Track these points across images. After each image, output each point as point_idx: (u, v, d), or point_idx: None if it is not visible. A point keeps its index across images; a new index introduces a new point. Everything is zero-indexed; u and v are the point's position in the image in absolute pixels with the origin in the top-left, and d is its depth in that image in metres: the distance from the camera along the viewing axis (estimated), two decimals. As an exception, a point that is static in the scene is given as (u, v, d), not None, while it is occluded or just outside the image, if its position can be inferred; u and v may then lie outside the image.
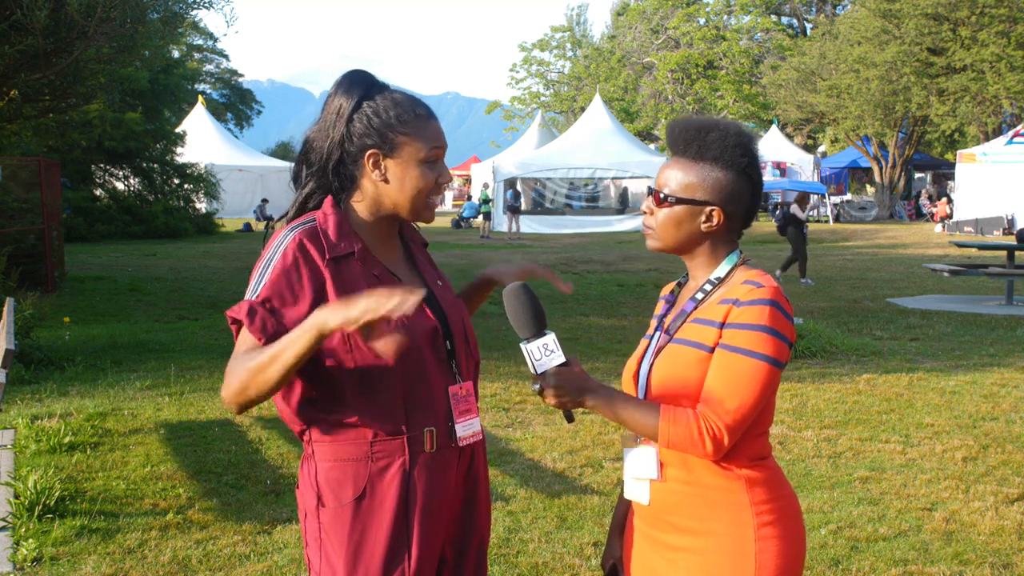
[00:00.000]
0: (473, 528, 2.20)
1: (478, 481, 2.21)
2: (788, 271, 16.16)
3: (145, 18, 11.86)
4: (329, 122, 2.12)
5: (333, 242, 2.06)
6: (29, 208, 13.97)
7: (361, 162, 2.10)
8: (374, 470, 2.04)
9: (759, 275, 2.00)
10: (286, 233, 2.06)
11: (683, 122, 2.08)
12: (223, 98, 58.20)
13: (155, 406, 7.11)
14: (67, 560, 4.27)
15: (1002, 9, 28.21)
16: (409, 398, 2.05)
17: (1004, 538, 4.54)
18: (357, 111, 2.10)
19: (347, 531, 2.04)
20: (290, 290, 2.00)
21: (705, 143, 2.02)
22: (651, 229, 2.09)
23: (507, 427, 6.55)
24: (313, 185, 2.15)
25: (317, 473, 2.07)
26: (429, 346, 2.09)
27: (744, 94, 47.68)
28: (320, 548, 2.08)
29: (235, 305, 2.00)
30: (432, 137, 2.11)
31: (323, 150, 2.12)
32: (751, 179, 2.05)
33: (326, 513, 2.06)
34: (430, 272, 2.26)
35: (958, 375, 8.18)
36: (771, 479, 2.02)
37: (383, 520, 2.04)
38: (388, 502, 2.04)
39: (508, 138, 58.99)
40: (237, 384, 1.93)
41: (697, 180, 2.02)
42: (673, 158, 2.08)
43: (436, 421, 2.09)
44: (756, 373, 1.92)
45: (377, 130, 2.08)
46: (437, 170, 2.12)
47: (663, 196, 2.05)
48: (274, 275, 2.00)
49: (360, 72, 2.17)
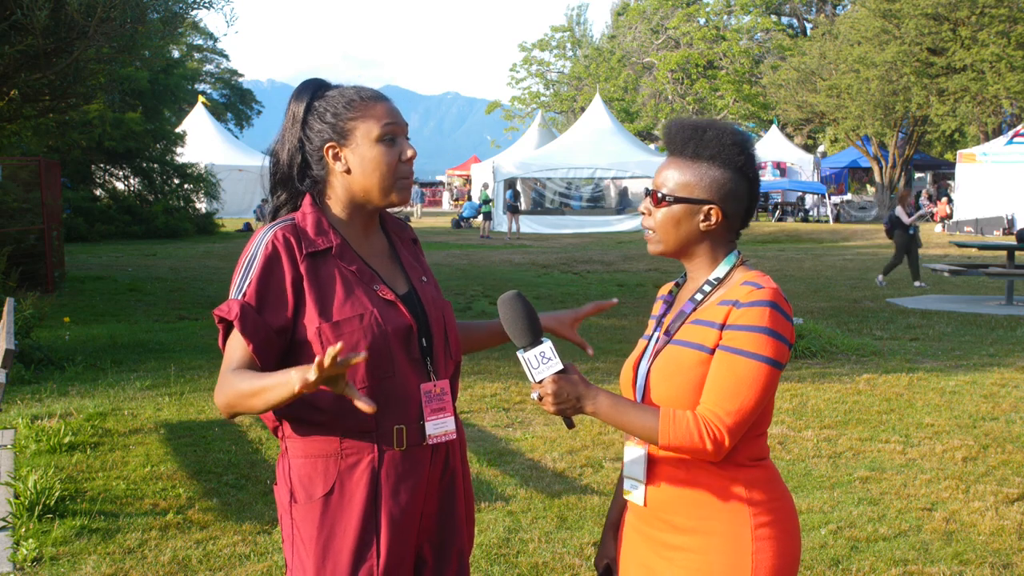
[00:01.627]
0: (453, 527, 2.19)
1: (455, 479, 2.21)
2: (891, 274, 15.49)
3: (145, 18, 11.86)
4: (287, 129, 2.15)
5: (310, 238, 2.08)
6: (29, 208, 13.97)
7: (324, 160, 2.12)
8: (343, 467, 2.06)
9: (758, 276, 2.00)
10: (266, 231, 2.09)
11: (679, 122, 2.08)
12: (223, 98, 58.20)
13: (155, 406, 7.11)
14: (67, 560, 4.27)
15: (1002, 9, 28.21)
16: (378, 396, 2.05)
17: (1004, 538, 4.54)
18: (309, 113, 2.13)
19: (316, 527, 2.05)
20: (273, 289, 2.03)
21: (702, 142, 2.02)
22: (652, 232, 2.09)
23: (507, 427, 6.55)
24: (282, 197, 2.18)
25: (290, 469, 2.10)
26: (401, 344, 2.08)
27: (744, 94, 47.68)
28: (292, 544, 2.09)
29: (223, 304, 2.03)
30: (383, 115, 2.12)
31: (285, 158, 2.16)
32: (748, 178, 2.05)
33: (298, 509, 2.08)
34: (414, 268, 2.25)
35: (958, 375, 8.18)
36: (769, 480, 2.02)
37: (351, 517, 2.04)
38: (357, 499, 2.05)
39: (508, 138, 59.02)
40: (225, 400, 2.01)
41: (695, 179, 2.03)
42: (670, 158, 2.08)
43: (407, 419, 2.09)
44: (756, 374, 1.93)
45: (329, 123, 2.11)
46: (398, 146, 2.12)
47: (661, 196, 2.05)
48: (258, 272, 2.03)
49: (310, 80, 2.21)
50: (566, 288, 15.20)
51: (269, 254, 2.04)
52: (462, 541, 2.22)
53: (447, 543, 2.18)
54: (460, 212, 36.42)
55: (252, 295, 2.02)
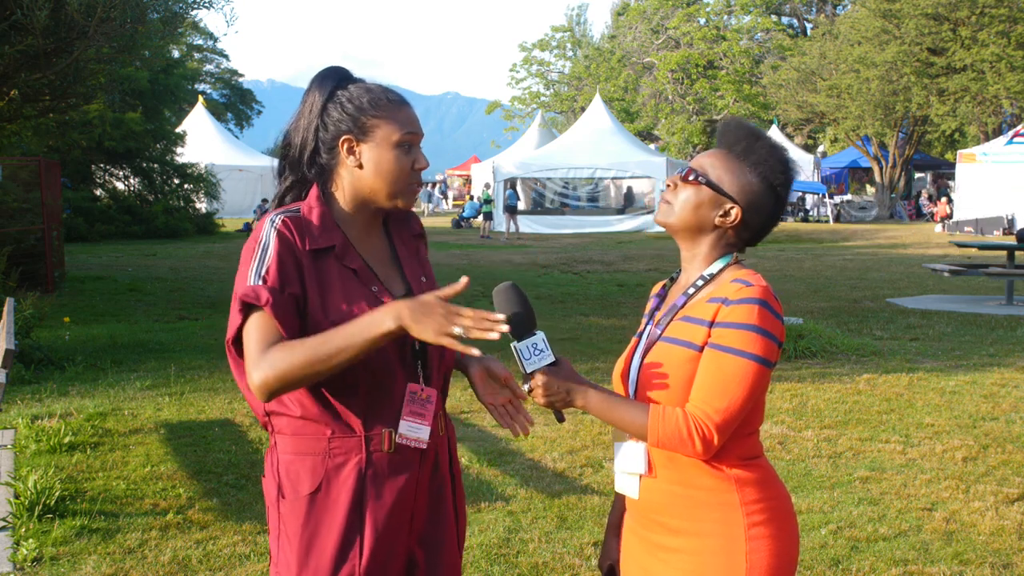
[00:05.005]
0: (444, 529, 2.19)
1: (445, 481, 2.21)
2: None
3: (145, 18, 11.86)
4: (304, 114, 2.14)
5: (315, 234, 2.07)
6: (29, 208, 13.96)
7: (336, 150, 2.11)
8: (330, 466, 2.06)
9: (749, 274, 2.01)
10: (272, 218, 2.08)
11: (739, 121, 2.13)
12: (223, 98, 58.18)
13: (155, 406, 7.11)
14: (67, 560, 4.27)
15: (1002, 9, 28.21)
16: (370, 397, 2.06)
17: (1004, 538, 4.54)
18: (331, 100, 2.12)
19: (302, 524, 2.06)
20: (287, 272, 2.02)
21: (753, 147, 2.05)
22: (668, 204, 2.10)
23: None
24: (290, 180, 2.17)
25: (279, 464, 2.10)
26: (394, 347, 2.08)
27: (744, 94, 47.65)
28: (278, 539, 2.10)
29: (246, 289, 1.99)
30: (406, 121, 2.12)
31: (298, 141, 2.14)
32: (778, 198, 2.08)
33: (284, 505, 2.09)
34: (413, 268, 2.24)
35: (958, 375, 8.18)
36: (762, 478, 2.02)
37: (336, 516, 2.05)
38: (342, 499, 2.05)
39: (508, 138, 58.96)
40: (278, 374, 1.94)
41: (732, 175, 2.05)
42: (717, 150, 2.10)
43: (395, 422, 2.09)
44: (745, 372, 1.93)
45: (350, 115, 2.10)
46: (412, 154, 2.13)
47: (695, 175, 2.06)
48: (274, 256, 2.02)
49: (334, 67, 2.19)
50: (566, 288, 15.20)
51: (281, 241, 2.03)
52: (453, 542, 2.22)
53: (438, 545, 2.18)
54: (460, 212, 36.41)
55: (274, 279, 2.00)
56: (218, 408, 7.05)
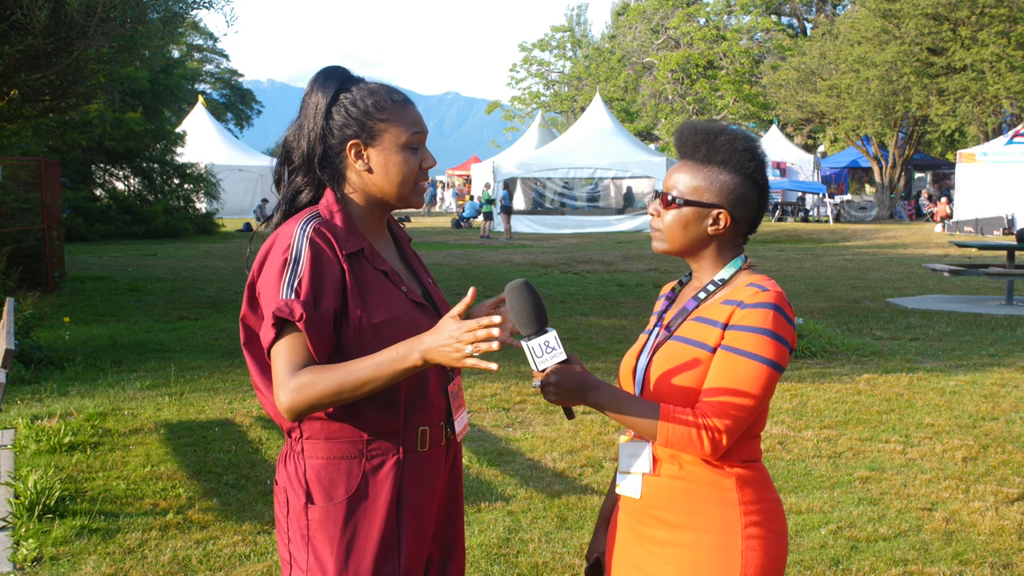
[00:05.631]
0: (456, 525, 2.22)
1: (459, 479, 2.24)
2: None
3: (145, 18, 11.85)
4: (308, 118, 2.11)
5: (344, 238, 2.05)
6: (29, 208, 13.96)
7: (344, 154, 2.10)
8: (368, 468, 2.05)
9: (763, 279, 2.03)
10: (301, 227, 2.03)
11: (691, 125, 2.09)
12: (223, 98, 58.16)
13: (155, 406, 7.11)
14: (67, 560, 4.27)
15: (1002, 9, 28.20)
16: (408, 399, 2.06)
17: (1004, 538, 4.54)
18: (334, 104, 2.10)
19: (339, 529, 2.04)
20: (324, 287, 1.99)
21: (714, 147, 2.04)
22: (658, 231, 2.11)
23: (507, 427, 6.55)
24: (301, 181, 2.14)
25: (306, 471, 2.06)
26: None
27: (744, 94, 47.66)
28: (308, 546, 2.06)
29: (280, 303, 1.96)
30: (412, 122, 2.11)
31: (305, 147, 2.12)
32: (758, 184, 2.08)
33: (315, 511, 2.05)
34: (421, 269, 2.26)
35: (958, 375, 8.18)
36: (760, 481, 2.05)
37: (375, 519, 2.04)
38: (380, 501, 2.04)
39: (508, 138, 59.00)
40: (307, 400, 1.93)
41: (705, 183, 2.04)
42: (681, 161, 2.10)
43: (430, 420, 2.10)
44: (757, 376, 1.94)
45: (356, 119, 2.08)
46: (420, 154, 2.13)
47: (671, 198, 2.07)
48: (307, 269, 1.98)
49: (334, 67, 2.18)
50: (566, 288, 15.20)
51: (315, 251, 1.99)
52: (463, 541, 2.25)
53: (451, 541, 2.20)
54: (460, 212, 36.39)
55: (307, 293, 1.96)
56: (218, 408, 7.05)
